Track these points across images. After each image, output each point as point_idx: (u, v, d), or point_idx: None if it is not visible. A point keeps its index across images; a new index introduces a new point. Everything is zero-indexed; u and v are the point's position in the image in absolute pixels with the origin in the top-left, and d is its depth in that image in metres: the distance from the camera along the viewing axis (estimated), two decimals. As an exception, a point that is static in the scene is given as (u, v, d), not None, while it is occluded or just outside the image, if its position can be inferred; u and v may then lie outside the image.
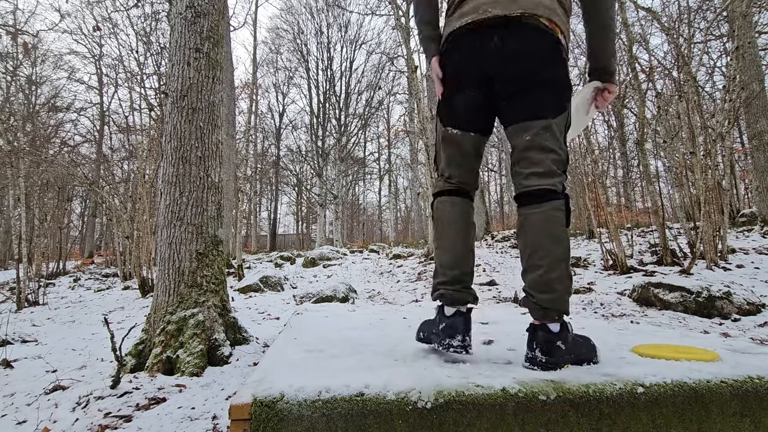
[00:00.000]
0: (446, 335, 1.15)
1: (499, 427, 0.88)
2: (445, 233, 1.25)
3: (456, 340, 1.14)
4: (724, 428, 0.94)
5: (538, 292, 1.10)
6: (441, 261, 1.23)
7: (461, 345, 1.14)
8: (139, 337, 2.03)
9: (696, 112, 4.40)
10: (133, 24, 12.90)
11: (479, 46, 1.16)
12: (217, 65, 2.31)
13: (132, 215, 6.57)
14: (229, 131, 8.60)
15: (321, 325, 1.84)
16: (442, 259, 1.23)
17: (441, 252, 1.24)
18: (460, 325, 1.15)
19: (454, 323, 1.16)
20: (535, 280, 1.10)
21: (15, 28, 10.93)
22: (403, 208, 26.70)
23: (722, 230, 4.36)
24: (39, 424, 1.38)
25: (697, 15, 6.73)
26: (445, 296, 1.19)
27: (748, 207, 8.44)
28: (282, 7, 28.52)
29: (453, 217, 1.25)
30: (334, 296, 4.20)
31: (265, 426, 0.84)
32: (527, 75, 1.13)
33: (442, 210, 1.28)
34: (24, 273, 5.45)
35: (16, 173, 5.81)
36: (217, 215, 2.19)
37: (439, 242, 1.26)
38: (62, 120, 14.86)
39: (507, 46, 1.12)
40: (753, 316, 2.94)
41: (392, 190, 23.29)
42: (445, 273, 1.21)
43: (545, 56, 1.13)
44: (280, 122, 19.51)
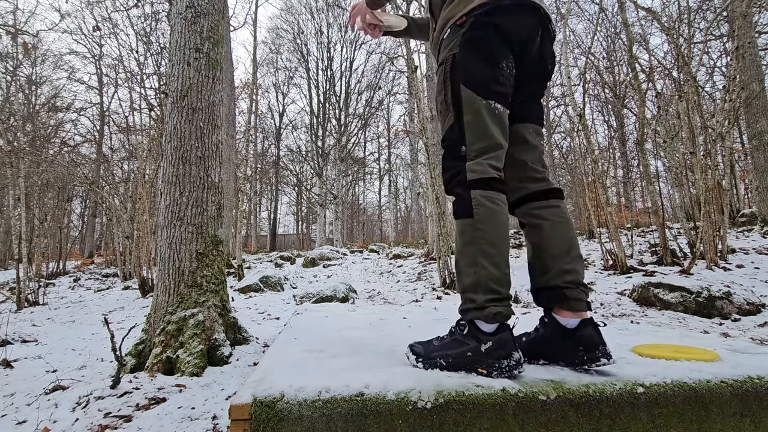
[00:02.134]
0: (499, 356, 0.97)
1: (499, 427, 0.88)
2: (499, 241, 1.04)
3: (513, 359, 0.97)
4: (724, 428, 0.94)
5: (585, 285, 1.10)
6: (490, 274, 1.01)
7: (518, 362, 0.97)
8: (139, 337, 2.03)
9: (696, 112, 4.40)
10: (133, 24, 12.91)
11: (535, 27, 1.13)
12: (217, 65, 2.31)
13: (132, 215, 6.57)
14: (229, 131, 8.60)
15: (321, 325, 1.84)
16: (491, 272, 1.01)
17: (487, 261, 1.02)
18: (511, 340, 1.00)
19: (504, 339, 0.99)
20: (581, 272, 1.11)
21: (15, 28, 10.93)
22: (403, 208, 26.71)
23: (722, 230, 4.36)
24: (39, 424, 1.38)
25: (697, 15, 6.73)
26: (502, 314, 1.00)
27: (748, 207, 8.44)
28: (282, 7, 28.56)
29: (506, 224, 1.07)
30: (334, 296, 4.20)
31: (265, 426, 0.84)
32: (547, 80, 1.22)
33: (495, 212, 1.05)
34: (24, 273, 5.45)
35: (16, 173, 5.81)
36: (217, 215, 2.19)
37: (484, 249, 1.03)
38: (62, 120, 14.86)
39: (546, 44, 1.17)
40: (753, 316, 2.94)
41: (392, 190, 23.30)
42: (499, 290, 1.02)
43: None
44: (280, 122, 19.52)
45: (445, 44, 1.17)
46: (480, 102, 1.09)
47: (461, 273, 1.07)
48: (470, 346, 1.01)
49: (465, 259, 1.06)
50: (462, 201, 1.08)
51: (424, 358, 1.06)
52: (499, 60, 1.10)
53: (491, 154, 1.09)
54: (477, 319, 1.02)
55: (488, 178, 1.07)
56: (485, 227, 1.04)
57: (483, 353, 0.98)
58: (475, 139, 1.09)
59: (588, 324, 1.06)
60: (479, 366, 0.98)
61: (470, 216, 1.05)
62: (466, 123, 1.10)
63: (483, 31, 1.10)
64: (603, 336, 1.04)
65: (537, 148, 1.20)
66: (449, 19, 1.16)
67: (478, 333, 1.01)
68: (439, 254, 5.08)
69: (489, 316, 1.00)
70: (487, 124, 1.09)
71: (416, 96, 5.30)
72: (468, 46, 1.11)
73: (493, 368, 0.97)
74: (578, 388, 0.93)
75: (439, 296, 4.47)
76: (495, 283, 1.01)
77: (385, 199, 24.93)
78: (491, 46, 1.09)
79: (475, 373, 0.98)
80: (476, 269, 1.03)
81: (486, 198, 1.05)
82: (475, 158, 1.09)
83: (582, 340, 1.04)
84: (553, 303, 1.11)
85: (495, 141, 1.09)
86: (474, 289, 1.03)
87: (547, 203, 1.16)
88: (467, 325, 1.04)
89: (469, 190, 1.07)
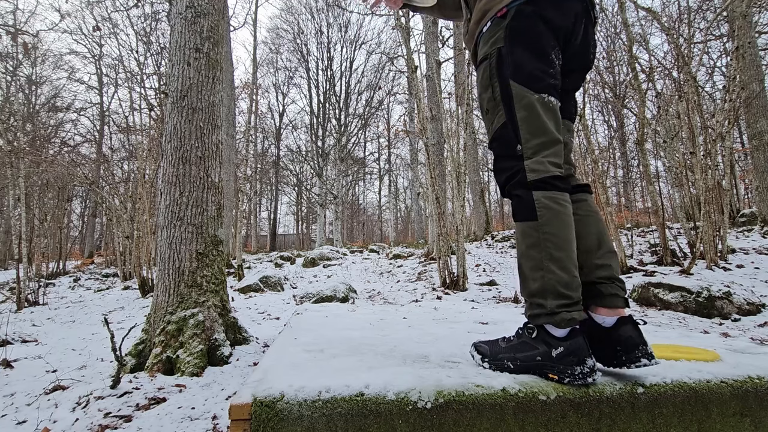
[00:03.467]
0: (571, 362, 0.93)
1: (499, 427, 0.88)
2: (567, 244, 0.99)
3: (587, 366, 0.92)
4: (724, 428, 0.94)
5: (621, 281, 1.05)
6: (559, 278, 0.97)
7: (593, 369, 0.93)
8: (139, 337, 2.03)
9: (696, 112, 4.40)
10: (133, 24, 12.91)
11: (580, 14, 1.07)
12: (217, 65, 2.31)
13: (132, 215, 6.57)
14: (229, 131, 8.60)
15: (321, 325, 1.84)
16: (560, 276, 0.97)
17: (555, 265, 0.97)
18: (584, 345, 0.95)
19: (577, 345, 0.94)
20: (615, 266, 1.06)
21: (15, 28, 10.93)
22: (403, 208, 26.70)
23: (722, 230, 4.36)
24: (39, 424, 1.38)
25: (697, 15, 6.73)
26: (575, 319, 0.95)
27: (748, 207, 8.44)
28: (282, 7, 28.57)
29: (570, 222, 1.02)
30: (334, 296, 4.20)
31: (265, 426, 0.84)
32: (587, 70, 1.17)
33: (560, 213, 1.00)
34: (24, 273, 5.45)
35: (16, 173, 5.81)
36: (217, 215, 2.19)
37: (551, 252, 0.98)
38: (62, 120, 14.86)
39: (590, 31, 1.12)
40: (753, 316, 2.94)
41: (392, 190, 23.30)
42: (570, 294, 0.97)
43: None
44: (280, 122, 19.52)
45: (486, 38, 1.11)
46: (532, 96, 1.03)
47: (526, 277, 1.02)
48: (539, 350, 0.98)
49: (530, 262, 1.01)
50: (523, 203, 1.02)
51: (491, 359, 1.05)
52: (548, 51, 1.04)
53: (550, 150, 1.03)
54: (547, 324, 0.98)
55: (550, 176, 1.01)
56: (551, 230, 0.99)
57: (554, 359, 0.95)
58: (531, 136, 1.03)
59: (627, 322, 1.00)
60: (549, 372, 0.96)
61: (534, 219, 1.00)
62: (519, 120, 1.04)
63: (528, 22, 1.04)
64: (644, 335, 0.98)
65: (567, 145, 1.15)
66: (487, 10, 1.10)
67: (549, 337, 0.98)
68: (439, 254, 5.08)
69: (561, 321, 0.95)
70: (542, 119, 1.03)
71: (416, 96, 5.30)
72: (514, 39, 1.05)
73: (565, 375, 0.94)
74: (578, 388, 0.93)
75: (439, 296, 4.47)
76: (565, 287, 0.96)
77: (385, 199, 24.94)
78: (539, 36, 1.04)
79: (546, 378, 0.96)
80: (543, 273, 0.98)
81: (549, 199, 1.00)
82: (533, 156, 1.03)
83: (620, 340, 0.98)
84: (588, 300, 1.04)
85: (552, 136, 1.04)
86: (542, 295, 0.98)
87: (574, 197, 1.10)
88: (536, 328, 1.00)
89: (531, 191, 1.01)
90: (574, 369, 0.93)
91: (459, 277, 4.75)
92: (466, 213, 10.27)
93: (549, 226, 0.99)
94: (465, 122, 5.71)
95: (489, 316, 2.24)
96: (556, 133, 1.04)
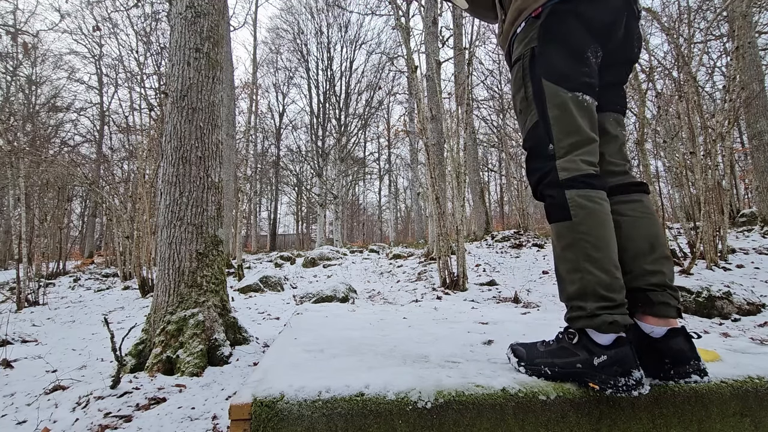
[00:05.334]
0: (615, 373, 0.87)
1: (499, 427, 0.88)
2: (605, 243, 0.94)
3: (633, 379, 0.86)
4: (724, 428, 0.94)
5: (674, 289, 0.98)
6: (599, 279, 0.92)
7: (639, 383, 0.86)
8: (139, 337, 2.03)
9: (696, 112, 4.40)
10: (133, 24, 12.91)
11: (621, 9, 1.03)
12: (217, 65, 2.31)
13: (132, 215, 6.57)
14: (229, 131, 8.60)
15: (321, 325, 1.84)
16: (600, 278, 0.92)
17: (595, 266, 0.92)
18: (631, 355, 0.88)
19: (623, 355, 0.88)
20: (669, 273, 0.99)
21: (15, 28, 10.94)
22: (403, 208, 26.71)
23: (722, 230, 4.36)
24: (39, 424, 1.38)
25: (697, 15, 6.73)
26: (618, 323, 0.89)
27: (748, 207, 8.44)
28: (282, 7, 28.57)
29: (611, 223, 0.98)
30: (334, 296, 4.20)
31: (265, 426, 0.84)
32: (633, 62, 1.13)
33: (596, 211, 0.95)
34: (24, 273, 5.45)
35: (16, 173, 5.81)
36: (217, 215, 2.19)
37: (589, 253, 0.93)
38: (62, 120, 14.86)
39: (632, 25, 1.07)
40: (753, 316, 2.94)
41: (392, 190, 23.30)
42: (611, 296, 0.91)
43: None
44: (280, 122, 19.52)
45: (520, 38, 1.09)
46: (565, 95, 1.01)
47: (563, 280, 0.98)
48: (580, 357, 0.93)
49: (567, 264, 0.97)
50: (556, 203, 0.99)
51: (527, 363, 1.01)
52: (583, 49, 1.01)
53: (583, 149, 1.00)
54: (589, 328, 0.92)
55: (583, 175, 0.98)
56: (587, 229, 0.94)
57: (596, 367, 0.90)
58: (563, 135, 1.00)
59: (678, 334, 0.93)
60: (591, 380, 0.91)
61: (568, 218, 0.96)
62: (552, 119, 1.02)
63: (563, 20, 1.01)
64: (696, 349, 0.93)
65: (617, 139, 1.10)
66: (523, 10, 1.07)
67: (591, 345, 0.92)
68: (439, 254, 5.07)
69: (603, 325, 0.90)
70: (575, 117, 1.00)
71: (416, 96, 5.30)
72: (547, 38, 1.03)
73: (607, 385, 0.88)
74: (578, 388, 0.93)
75: (439, 296, 4.47)
76: (605, 289, 0.91)
77: (385, 199, 24.95)
78: (573, 35, 1.01)
79: (585, 386, 0.92)
80: (582, 275, 0.93)
81: (584, 197, 0.96)
82: (565, 155, 1.00)
83: (670, 353, 0.92)
84: (635, 308, 0.98)
85: (586, 135, 1.00)
86: (582, 297, 0.93)
87: (628, 197, 1.05)
88: (577, 333, 0.95)
89: (563, 191, 0.98)
90: (618, 380, 0.86)
91: (459, 277, 4.75)
92: (466, 213, 10.27)
93: (583, 225, 0.94)
94: (465, 122, 5.71)
95: (489, 316, 2.24)
96: (590, 132, 1.01)
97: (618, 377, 0.87)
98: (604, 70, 1.07)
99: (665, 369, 0.94)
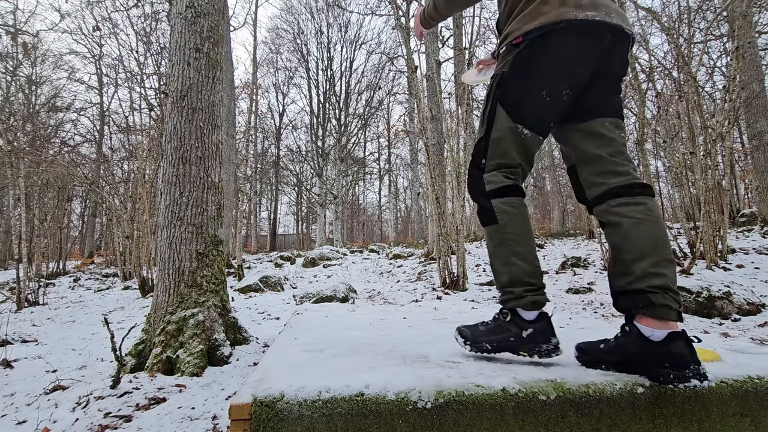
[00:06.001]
0: (538, 341, 1.09)
1: (499, 427, 0.88)
2: (525, 239, 1.13)
3: (551, 344, 1.09)
4: (724, 428, 0.94)
5: (676, 292, 1.00)
6: (522, 268, 1.11)
7: (557, 347, 1.09)
8: (139, 337, 2.03)
9: (696, 112, 4.40)
10: (133, 24, 12.91)
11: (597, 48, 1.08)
12: (217, 65, 2.31)
13: (132, 215, 6.57)
14: (229, 131, 8.60)
15: (321, 325, 1.84)
16: (523, 267, 1.11)
17: (519, 259, 1.12)
18: (550, 326, 1.11)
19: (543, 327, 1.10)
20: (672, 277, 1.00)
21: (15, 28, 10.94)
22: (403, 208, 26.70)
23: (722, 230, 4.36)
24: (39, 424, 1.38)
25: (697, 15, 6.72)
26: (539, 302, 1.10)
27: (748, 207, 8.44)
28: (282, 7, 28.56)
29: (528, 223, 1.16)
30: (334, 296, 4.20)
31: (265, 426, 0.84)
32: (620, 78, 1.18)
33: (516, 215, 1.14)
34: (24, 273, 5.45)
35: (16, 173, 5.81)
36: (217, 215, 2.19)
37: (513, 248, 1.12)
38: (62, 120, 14.86)
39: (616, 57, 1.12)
40: (753, 316, 2.94)
41: (392, 190, 23.30)
42: (533, 281, 1.11)
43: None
44: (280, 122, 19.52)
45: (501, 60, 1.21)
46: (508, 124, 1.15)
47: (497, 272, 1.16)
48: (513, 332, 1.12)
49: (499, 259, 1.15)
50: (486, 210, 1.17)
51: (472, 342, 1.18)
52: (542, 87, 1.10)
53: (507, 171, 1.17)
54: (518, 308, 1.11)
55: (504, 186, 1.15)
56: (511, 229, 1.13)
57: (525, 339, 1.10)
58: (494, 156, 1.17)
59: (678, 338, 0.94)
60: (521, 350, 1.11)
61: (495, 222, 1.15)
62: (492, 140, 1.18)
63: (534, 55, 1.10)
64: (696, 353, 0.94)
65: (615, 141, 1.14)
66: (509, 34, 1.17)
67: (520, 321, 1.11)
68: (439, 254, 5.07)
69: (528, 304, 1.10)
70: (509, 145, 1.15)
71: (416, 96, 5.30)
72: (515, 68, 1.14)
73: (533, 351, 1.09)
74: (578, 388, 0.93)
75: (439, 296, 4.47)
76: (529, 276, 1.11)
77: (385, 199, 24.94)
78: (539, 71, 1.10)
79: (518, 355, 1.11)
80: (510, 267, 1.12)
81: (506, 204, 1.14)
82: (491, 171, 1.18)
83: (670, 357, 0.94)
84: (635, 309, 1.00)
85: (513, 162, 1.17)
86: (512, 284, 1.12)
87: (632, 200, 1.07)
88: (509, 313, 1.13)
89: (490, 200, 1.16)
90: (542, 347, 1.09)
91: (459, 277, 4.75)
92: (466, 213, 10.26)
93: (508, 226, 1.14)
94: (465, 122, 5.71)
95: (489, 315, 2.23)
96: (518, 159, 1.17)
97: (541, 344, 1.09)
98: (598, 81, 1.13)
99: (665, 373, 0.95)
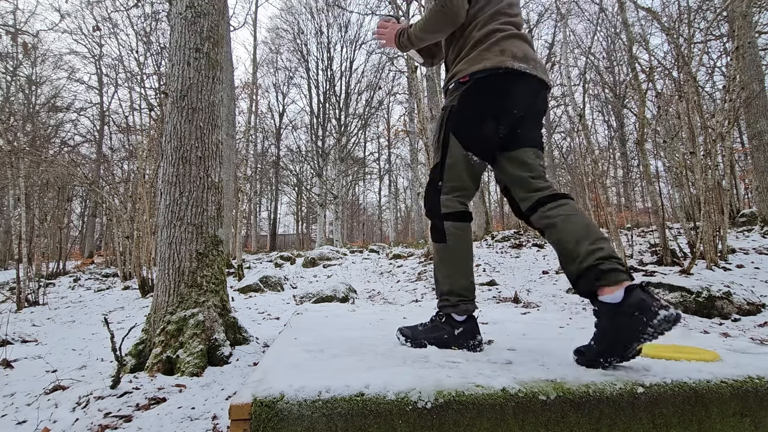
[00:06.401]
0: (467, 337, 1.32)
1: (499, 427, 0.88)
2: (465, 259, 1.36)
3: (476, 340, 1.33)
4: (724, 428, 0.94)
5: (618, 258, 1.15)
6: (461, 283, 1.34)
7: (480, 342, 1.33)
8: (139, 337, 2.03)
9: (696, 112, 4.40)
10: (133, 24, 12.92)
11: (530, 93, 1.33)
12: (217, 65, 2.31)
13: (132, 215, 6.57)
14: (229, 131, 8.60)
15: (321, 325, 1.84)
16: (461, 282, 1.35)
17: (459, 275, 1.35)
18: (476, 327, 1.35)
19: (471, 327, 1.34)
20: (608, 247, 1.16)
21: (15, 28, 10.94)
22: (403, 208, 26.69)
23: (722, 230, 4.36)
24: (39, 424, 1.38)
25: (697, 15, 6.72)
26: (470, 310, 1.35)
27: (748, 207, 8.44)
28: (282, 7, 28.54)
29: (470, 245, 1.38)
30: (334, 296, 4.20)
31: (265, 426, 0.84)
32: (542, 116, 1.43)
33: (463, 238, 1.36)
34: (24, 273, 5.45)
35: (16, 173, 5.81)
36: (217, 215, 2.19)
37: (456, 266, 1.35)
38: (62, 120, 14.86)
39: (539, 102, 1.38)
40: (753, 316, 2.94)
41: (392, 190, 23.29)
42: (467, 295, 1.35)
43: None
44: (280, 122, 19.51)
45: (449, 94, 1.41)
46: (460, 152, 1.35)
47: (440, 282, 1.39)
48: (446, 330, 1.35)
49: (442, 272, 1.38)
50: (438, 230, 1.37)
51: (412, 339, 1.38)
52: (485, 120, 1.31)
53: (460, 192, 1.38)
54: (453, 313, 1.34)
55: (457, 212, 1.36)
56: (456, 249, 1.35)
57: (456, 336, 1.33)
58: (450, 179, 1.37)
59: (634, 288, 1.03)
60: (453, 344, 1.33)
61: (444, 241, 1.36)
62: (447, 165, 1.37)
63: (478, 94, 1.31)
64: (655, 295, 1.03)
65: (538, 167, 1.35)
66: (457, 72, 1.37)
67: (453, 322, 1.35)
68: (439, 254, 5.06)
69: (461, 311, 1.34)
70: (462, 169, 1.36)
71: (416, 96, 5.30)
72: (463, 103, 1.34)
73: (463, 346, 1.32)
74: (578, 388, 0.93)
75: (439, 296, 4.46)
76: (465, 290, 1.35)
77: (385, 199, 24.93)
78: (481, 107, 1.32)
79: (450, 348, 1.32)
80: (451, 280, 1.35)
81: (455, 227, 1.35)
82: (447, 194, 1.37)
83: (635, 304, 1.00)
84: (593, 285, 1.09)
85: (466, 184, 1.38)
86: (450, 294, 1.36)
87: (557, 203, 1.26)
88: (445, 316, 1.37)
89: (443, 221, 1.36)
90: (469, 342, 1.32)
91: (459, 277, 4.74)
92: (466, 213, 10.22)
93: (455, 247, 1.35)
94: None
95: (489, 316, 2.24)
96: (469, 182, 1.38)
97: (469, 340, 1.32)
98: (524, 119, 1.34)
99: (638, 321, 0.99)
